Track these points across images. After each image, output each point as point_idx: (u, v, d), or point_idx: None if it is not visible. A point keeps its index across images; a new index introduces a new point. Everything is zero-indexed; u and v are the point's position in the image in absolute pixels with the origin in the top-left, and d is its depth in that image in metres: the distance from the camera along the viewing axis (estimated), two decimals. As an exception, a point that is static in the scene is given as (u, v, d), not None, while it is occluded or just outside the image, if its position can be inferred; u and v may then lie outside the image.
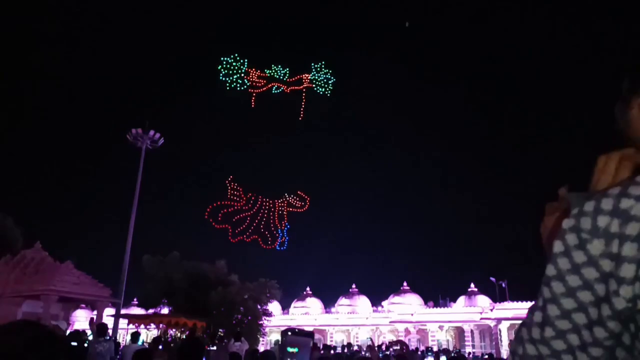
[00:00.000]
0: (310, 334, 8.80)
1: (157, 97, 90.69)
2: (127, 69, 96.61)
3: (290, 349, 8.21)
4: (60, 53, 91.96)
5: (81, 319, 41.11)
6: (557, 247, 0.85)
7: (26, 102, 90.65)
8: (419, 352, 27.74)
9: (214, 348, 16.57)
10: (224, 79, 36.83)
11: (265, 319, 31.02)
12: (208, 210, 36.06)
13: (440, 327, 42.56)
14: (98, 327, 10.58)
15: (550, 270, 0.85)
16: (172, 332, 24.87)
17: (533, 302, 0.93)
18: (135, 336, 11.92)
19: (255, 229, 37.26)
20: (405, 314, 42.86)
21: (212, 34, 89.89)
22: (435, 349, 36.97)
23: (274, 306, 32.48)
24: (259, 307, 30.63)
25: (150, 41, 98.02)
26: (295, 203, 39.61)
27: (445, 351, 26.22)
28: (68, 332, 12.95)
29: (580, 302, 0.80)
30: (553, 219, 1.07)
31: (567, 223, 0.85)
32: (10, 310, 23.22)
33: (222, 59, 37.01)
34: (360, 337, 44.92)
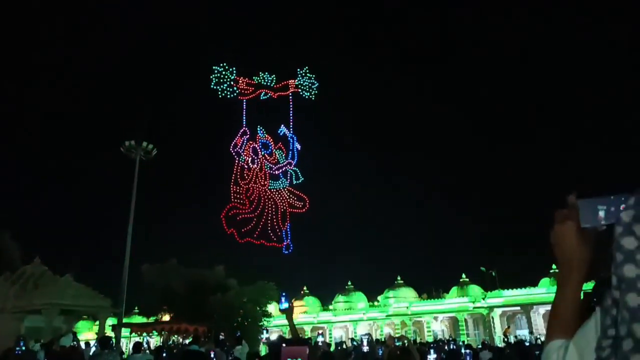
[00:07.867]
0: (306, 342, 8.69)
1: (150, 106, 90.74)
2: (118, 82, 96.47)
3: None
4: (55, 64, 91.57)
5: (84, 330, 41.64)
6: (630, 243, 0.77)
7: (23, 115, 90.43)
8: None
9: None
10: (215, 87, 37.48)
11: (265, 320, 31.73)
12: (225, 211, 36.26)
13: (435, 318, 43.51)
14: (100, 340, 11.06)
15: (630, 271, 0.75)
16: (174, 338, 25.55)
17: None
18: (137, 346, 12.46)
19: (262, 229, 37.59)
20: (400, 307, 43.74)
21: (203, 42, 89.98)
22: (431, 339, 37.91)
23: (272, 306, 33.16)
24: (258, 309, 31.34)
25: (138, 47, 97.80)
26: (295, 203, 40.05)
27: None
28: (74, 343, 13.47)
29: None
30: (564, 228, 1.04)
31: (627, 215, 0.79)
32: (12, 325, 23.62)
33: (213, 67, 37.61)
34: (359, 332, 45.81)
